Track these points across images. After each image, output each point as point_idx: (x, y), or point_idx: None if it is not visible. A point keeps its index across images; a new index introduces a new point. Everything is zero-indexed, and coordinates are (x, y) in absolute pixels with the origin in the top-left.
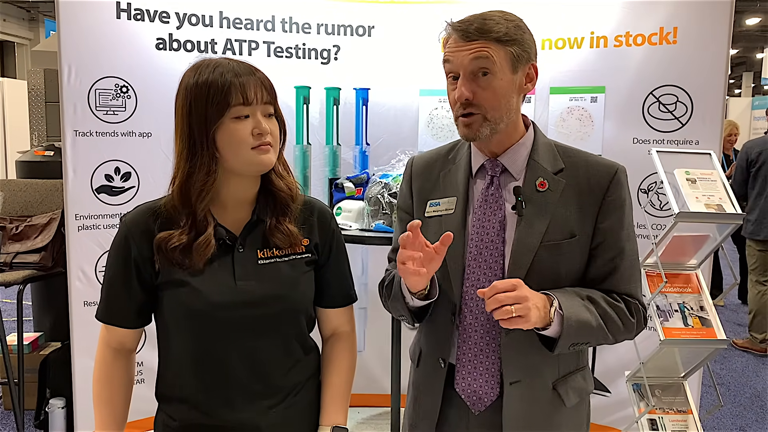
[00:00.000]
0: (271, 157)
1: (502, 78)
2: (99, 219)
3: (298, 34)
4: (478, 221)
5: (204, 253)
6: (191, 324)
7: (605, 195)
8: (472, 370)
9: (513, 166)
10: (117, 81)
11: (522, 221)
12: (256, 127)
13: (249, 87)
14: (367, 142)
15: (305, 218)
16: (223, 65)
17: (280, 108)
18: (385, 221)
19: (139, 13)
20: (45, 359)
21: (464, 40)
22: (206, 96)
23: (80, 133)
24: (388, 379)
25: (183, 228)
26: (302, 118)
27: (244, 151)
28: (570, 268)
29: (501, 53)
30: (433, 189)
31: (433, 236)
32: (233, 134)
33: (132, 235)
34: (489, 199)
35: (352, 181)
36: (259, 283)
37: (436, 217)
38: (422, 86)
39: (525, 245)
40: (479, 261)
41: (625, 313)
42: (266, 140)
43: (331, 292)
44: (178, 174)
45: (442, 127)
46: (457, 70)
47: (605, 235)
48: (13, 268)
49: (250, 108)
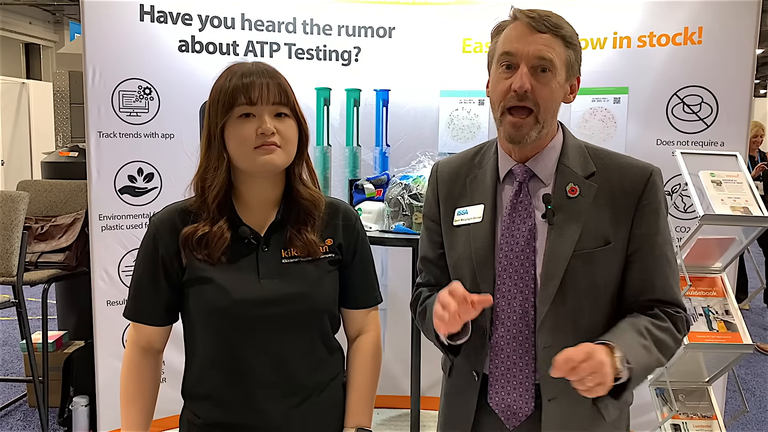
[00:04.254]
0: (275, 159)
1: (559, 79)
2: (122, 219)
3: (319, 35)
4: (507, 230)
5: (219, 243)
6: (215, 321)
7: (640, 199)
8: (506, 384)
9: (542, 172)
10: (140, 83)
11: (553, 230)
12: (259, 127)
13: (254, 87)
14: (387, 143)
15: (329, 220)
16: (241, 69)
17: (300, 110)
18: (405, 222)
19: (162, 15)
20: (69, 357)
21: (533, 30)
22: (218, 96)
23: (104, 135)
24: (407, 381)
25: (205, 221)
26: (323, 120)
27: (246, 150)
28: (607, 278)
29: (563, 55)
30: (460, 196)
31: (462, 246)
32: (237, 133)
33: (160, 234)
34: (518, 206)
35: (372, 183)
36: (282, 282)
37: (464, 226)
38: (443, 87)
39: (557, 255)
40: (509, 271)
41: (674, 333)
42: (270, 140)
43: (356, 293)
44: (198, 169)
45: (463, 129)
46: (517, 60)
47: (642, 241)
48: (38, 267)
49: (255, 108)
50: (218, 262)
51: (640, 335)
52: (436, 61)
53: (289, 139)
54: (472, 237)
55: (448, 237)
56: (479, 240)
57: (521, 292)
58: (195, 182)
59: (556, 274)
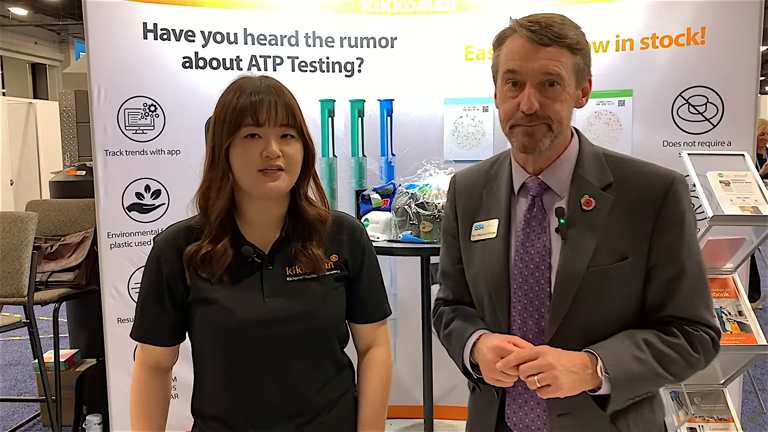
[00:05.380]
0: (279, 185)
1: (568, 91)
2: (131, 236)
3: (322, 48)
4: (522, 246)
5: (221, 261)
6: (221, 341)
7: (660, 210)
8: (523, 404)
9: (556, 184)
10: (145, 100)
11: (566, 245)
12: (264, 150)
13: (262, 108)
14: (392, 152)
15: (334, 235)
16: (248, 85)
17: (306, 130)
18: (412, 231)
19: (165, 33)
20: (81, 376)
21: (535, 44)
22: (224, 114)
23: (110, 153)
24: (420, 390)
25: (208, 239)
26: (327, 131)
27: (250, 173)
28: (626, 294)
29: (570, 63)
30: (477, 209)
31: (478, 263)
32: (242, 154)
33: (163, 255)
34: (532, 221)
35: (378, 192)
36: (287, 301)
37: (480, 241)
38: (447, 95)
39: (570, 271)
40: (525, 288)
41: (686, 350)
42: (274, 164)
43: (364, 307)
44: (201, 185)
45: (468, 136)
46: (523, 77)
47: (662, 254)
48: (48, 286)
49: (262, 129)
50: (222, 281)
51: (635, 346)
52: (439, 70)
53: (294, 162)
54: (486, 254)
55: (466, 252)
56: (493, 257)
57: (537, 310)
58: (197, 199)
59: (569, 291)
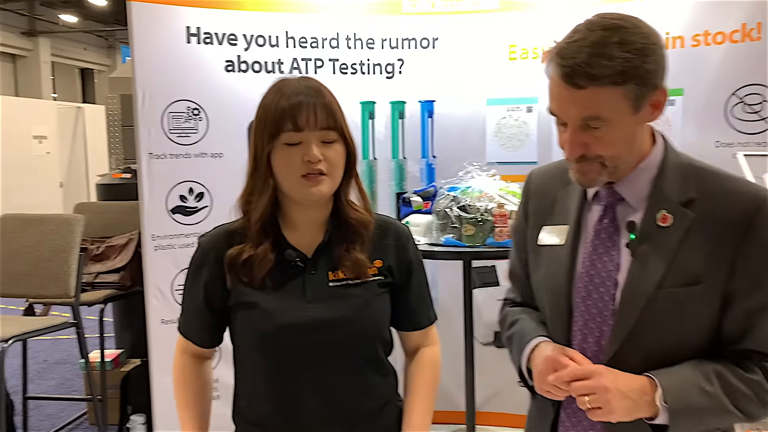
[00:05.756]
0: (322, 189)
1: (621, 124)
2: (174, 239)
3: (363, 49)
4: (589, 257)
5: (262, 266)
6: (261, 346)
7: (746, 233)
8: (577, 423)
9: (632, 195)
10: (189, 104)
11: (635, 262)
12: (306, 155)
13: (302, 112)
14: (433, 154)
15: (378, 240)
16: (287, 87)
17: (347, 131)
18: (454, 235)
19: (208, 36)
20: (126, 376)
21: (570, 87)
22: (264, 119)
23: (155, 156)
24: (461, 395)
25: (249, 243)
26: (368, 133)
27: (292, 179)
28: (695, 321)
29: (618, 95)
30: (548, 212)
31: (543, 268)
32: (283, 159)
33: (206, 258)
34: (602, 233)
35: (419, 195)
36: (329, 306)
37: (547, 247)
38: (489, 96)
39: (637, 291)
40: (588, 303)
41: (763, 388)
42: (316, 168)
43: (412, 315)
44: (244, 190)
45: (511, 137)
46: (563, 120)
47: (745, 282)
48: (95, 287)
49: (302, 134)
50: (264, 285)
51: (703, 377)
52: (482, 70)
53: (336, 165)
54: (552, 261)
55: (533, 256)
56: (558, 266)
57: (598, 327)
58: (240, 203)
59: (633, 312)
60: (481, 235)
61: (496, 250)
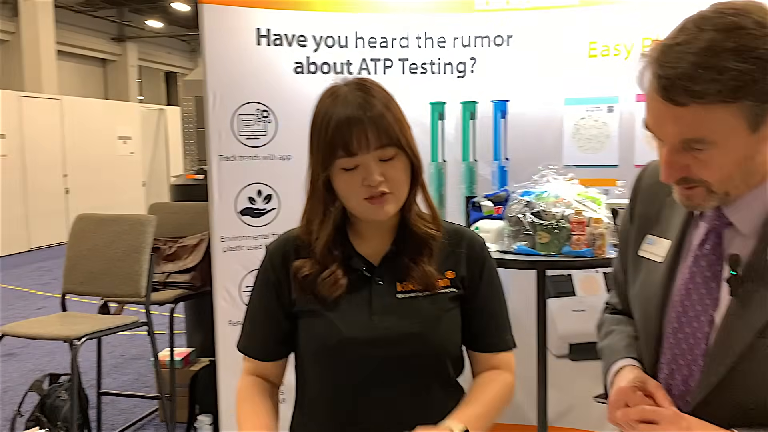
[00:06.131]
0: (388, 209)
1: (733, 146)
2: (242, 240)
3: (433, 48)
4: (685, 285)
5: (332, 289)
6: (323, 358)
7: None
8: None
9: (743, 222)
10: (258, 106)
11: (735, 302)
12: (365, 178)
13: (352, 136)
14: (506, 157)
15: (451, 249)
16: (337, 103)
17: (408, 140)
18: (527, 243)
19: (278, 38)
20: (194, 375)
21: (668, 103)
22: (317, 140)
23: (224, 158)
24: (533, 409)
25: (315, 260)
26: (437, 135)
27: (355, 202)
28: None
29: (729, 114)
30: (654, 219)
31: (638, 284)
32: (343, 185)
33: (273, 263)
34: (702, 260)
35: (490, 199)
36: (396, 319)
37: (645, 260)
38: (567, 95)
39: (733, 336)
40: (678, 337)
41: None
42: (379, 190)
43: (484, 334)
44: (304, 210)
45: (590, 138)
46: (659, 137)
47: None
48: (166, 287)
49: (357, 158)
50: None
51: None
52: (559, 68)
53: (399, 182)
54: (647, 279)
55: (632, 266)
56: (653, 286)
57: (688, 366)
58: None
59: (726, 358)
60: (556, 243)
61: (573, 260)
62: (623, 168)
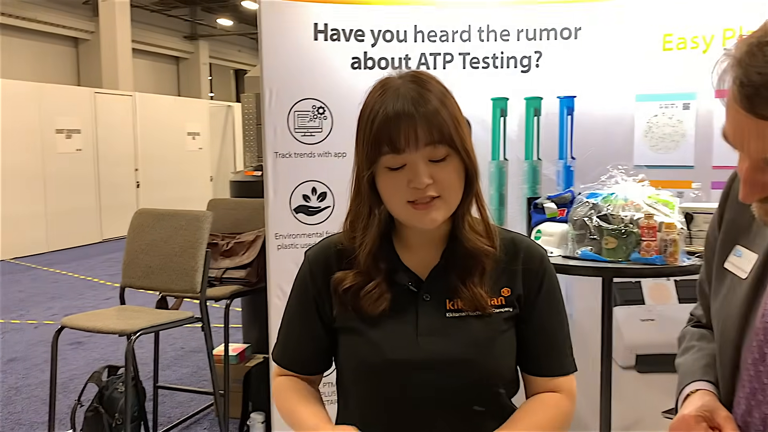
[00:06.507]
0: (435, 216)
1: None
2: (297, 238)
3: (496, 42)
4: None
5: (375, 305)
6: (363, 379)
7: None
8: None
9: None
10: (314, 102)
11: None
12: (411, 180)
13: (400, 130)
14: (572, 155)
15: (508, 262)
16: (386, 95)
17: (464, 141)
18: (592, 248)
19: (336, 33)
20: (248, 372)
21: (749, 115)
22: (363, 134)
23: (280, 155)
24: (596, 422)
25: (359, 271)
26: (499, 132)
27: (400, 206)
28: None
29: None
30: (745, 229)
31: (720, 299)
32: (387, 185)
33: (312, 273)
34: None
35: (554, 201)
36: (445, 341)
37: (729, 273)
38: (639, 91)
39: None
40: (759, 370)
41: None
42: (426, 194)
43: (540, 356)
44: (348, 214)
45: (663, 137)
46: (738, 149)
47: None
48: (223, 282)
49: (404, 157)
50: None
51: None
52: (631, 62)
53: (450, 186)
54: (729, 297)
55: (716, 278)
56: (733, 306)
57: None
58: (344, 227)
59: None
60: (624, 250)
61: (642, 267)
62: (699, 169)
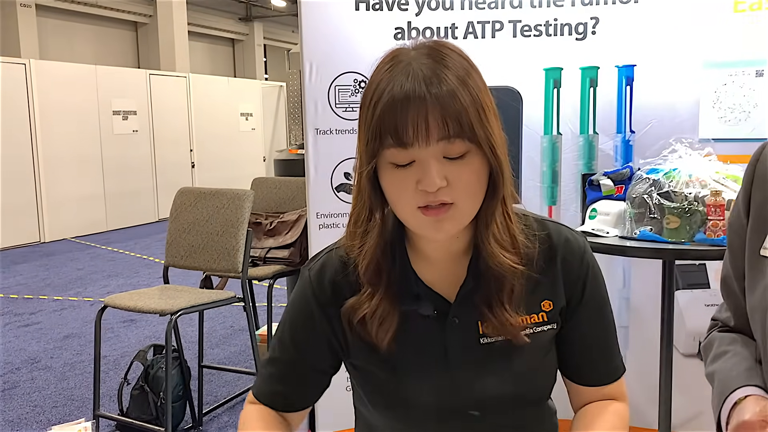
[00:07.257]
0: (447, 227)
1: None
2: (338, 218)
3: (549, 8)
4: None
5: (383, 328)
6: (385, 416)
7: None
8: None
9: None
10: (356, 76)
11: None
12: (421, 180)
13: (406, 119)
14: (631, 129)
15: (546, 267)
16: (397, 71)
17: (491, 137)
18: (652, 228)
19: (378, 2)
20: None
21: None
22: (364, 122)
23: (321, 132)
24: (654, 412)
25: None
26: (552, 105)
27: (407, 211)
28: None
29: None
30: None
31: (760, 291)
32: (391, 185)
33: (318, 298)
34: None
35: (610, 177)
36: (479, 371)
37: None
38: (706, 58)
39: None
40: None
41: None
42: (438, 199)
43: (587, 366)
44: (350, 218)
45: (733, 108)
46: None
47: None
48: (266, 262)
49: (412, 152)
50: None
51: None
52: (697, 26)
53: (468, 191)
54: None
55: (750, 269)
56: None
57: None
58: (347, 230)
59: None
60: (687, 230)
61: (708, 248)
62: None
